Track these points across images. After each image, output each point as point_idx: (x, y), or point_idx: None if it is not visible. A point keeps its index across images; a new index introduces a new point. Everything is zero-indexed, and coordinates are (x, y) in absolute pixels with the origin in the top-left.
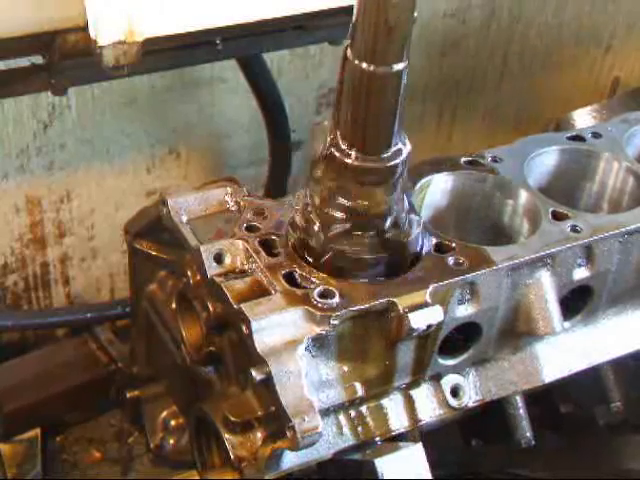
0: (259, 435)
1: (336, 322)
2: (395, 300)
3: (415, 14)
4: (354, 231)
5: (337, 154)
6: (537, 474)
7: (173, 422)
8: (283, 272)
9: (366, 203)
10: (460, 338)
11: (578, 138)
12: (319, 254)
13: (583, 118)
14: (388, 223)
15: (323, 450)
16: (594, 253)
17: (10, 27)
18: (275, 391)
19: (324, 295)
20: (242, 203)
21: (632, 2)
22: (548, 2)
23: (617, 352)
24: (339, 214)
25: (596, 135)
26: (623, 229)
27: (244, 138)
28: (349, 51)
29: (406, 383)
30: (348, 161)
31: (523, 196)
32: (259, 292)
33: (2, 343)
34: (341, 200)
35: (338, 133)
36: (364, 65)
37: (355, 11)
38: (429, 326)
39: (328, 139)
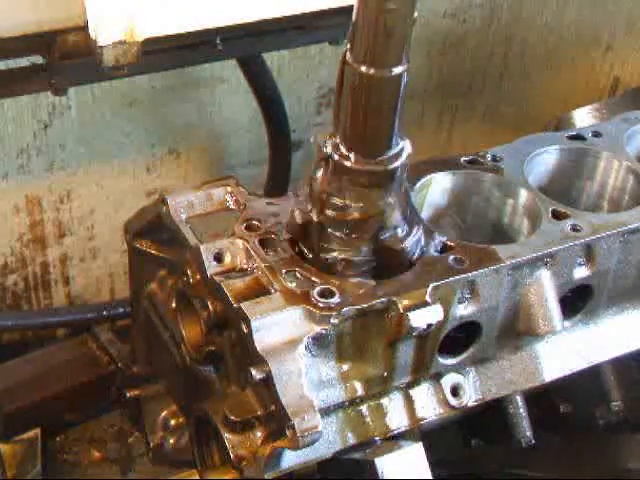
0: (259, 434)
1: (336, 321)
2: (395, 299)
3: (415, 14)
4: (353, 233)
5: (336, 156)
6: (537, 474)
7: (173, 422)
8: (283, 271)
9: (364, 206)
10: (460, 337)
11: (578, 137)
12: (319, 254)
13: (583, 117)
14: (386, 226)
15: (323, 450)
16: (594, 252)
17: (10, 27)
18: (275, 390)
19: (324, 294)
20: (242, 202)
21: (632, 2)
22: (548, 2)
23: (617, 351)
24: (338, 215)
25: (596, 134)
26: (623, 228)
27: (244, 138)
28: (348, 54)
29: (406, 382)
30: (347, 164)
31: (523, 195)
32: (259, 291)
33: (2, 343)
34: (340, 202)
35: (337, 135)
36: (363, 68)
37: (354, 14)
38: (429, 325)
39: (328, 141)
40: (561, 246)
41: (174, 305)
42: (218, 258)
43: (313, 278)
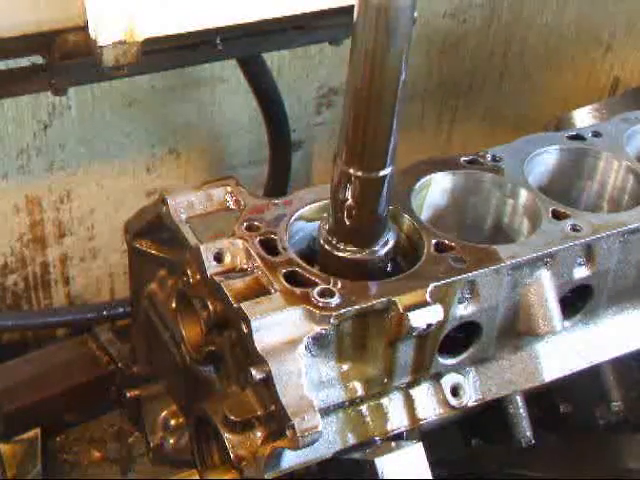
0: (259, 434)
1: (336, 321)
2: (395, 299)
3: (415, 14)
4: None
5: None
6: (537, 474)
7: (173, 422)
8: (283, 271)
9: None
10: (460, 337)
11: (578, 137)
12: (319, 253)
13: (583, 117)
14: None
15: (323, 450)
16: (594, 252)
17: (10, 27)
18: (275, 390)
19: (324, 294)
20: (242, 202)
21: (632, 2)
22: (548, 2)
23: (617, 351)
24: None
25: (596, 134)
26: (623, 228)
27: (244, 138)
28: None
29: (406, 382)
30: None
31: (523, 195)
32: (259, 291)
33: (2, 343)
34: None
35: None
36: (351, 171)
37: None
38: (429, 325)
39: None
40: (561, 246)
41: (174, 305)
42: (218, 258)
43: (313, 278)
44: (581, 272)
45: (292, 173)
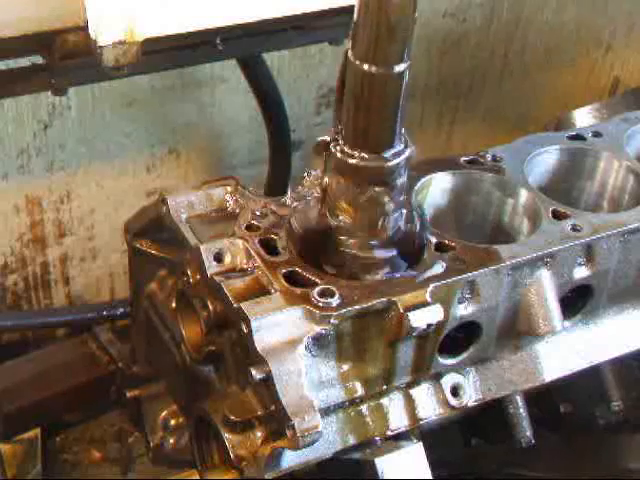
0: (259, 434)
1: (336, 321)
2: (395, 299)
3: (415, 14)
4: (353, 231)
5: (339, 154)
6: (537, 474)
7: (173, 422)
8: (283, 271)
9: (366, 203)
10: (460, 337)
11: (578, 137)
12: (318, 253)
13: (583, 117)
14: (388, 224)
15: (323, 450)
16: (594, 252)
17: (10, 27)
18: (275, 390)
19: (324, 294)
20: (242, 202)
21: (632, 2)
22: (548, 2)
23: (617, 351)
24: (339, 214)
25: (596, 134)
26: (623, 228)
27: (244, 138)
28: (350, 53)
29: (406, 382)
30: (352, 161)
31: (523, 195)
32: (259, 291)
33: (2, 343)
34: (341, 200)
35: (340, 134)
36: (365, 66)
37: (356, 12)
38: (429, 325)
39: (329, 139)
40: (561, 246)
41: (174, 305)
42: (218, 258)
43: (313, 278)
44: (581, 272)
45: (292, 173)
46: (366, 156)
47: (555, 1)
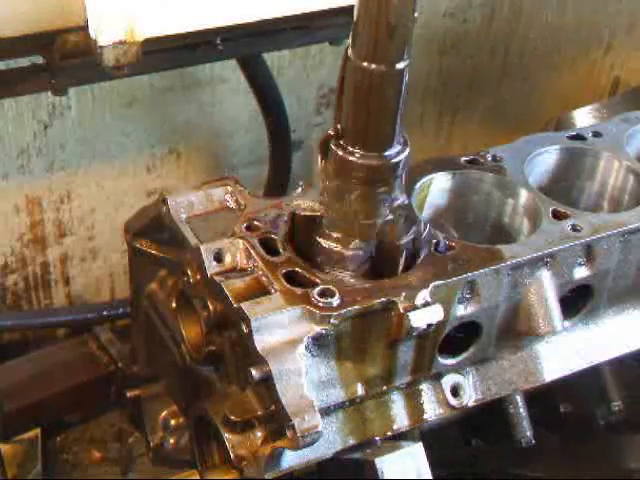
0: (259, 434)
1: (336, 321)
2: (395, 299)
3: (415, 14)
4: (353, 230)
5: (339, 152)
6: (537, 474)
7: (173, 422)
8: (283, 271)
9: (366, 202)
10: (460, 337)
11: (578, 137)
12: (319, 253)
13: (583, 117)
14: (386, 223)
15: (323, 450)
16: (594, 252)
17: (10, 27)
18: (275, 390)
19: (324, 294)
20: (242, 202)
21: (632, 2)
22: (548, 2)
23: (617, 351)
24: (339, 213)
25: (596, 134)
26: (623, 228)
27: (244, 138)
28: (350, 51)
29: (406, 382)
30: (352, 159)
31: (523, 195)
32: (259, 291)
33: (2, 343)
34: (341, 199)
35: (339, 132)
36: (365, 64)
37: (356, 11)
38: (429, 325)
39: (329, 137)
40: (561, 246)
41: (174, 305)
42: (218, 258)
43: (313, 278)
44: (581, 272)
45: (292, 173)
46: (366, 154)
47: (555, 1)
